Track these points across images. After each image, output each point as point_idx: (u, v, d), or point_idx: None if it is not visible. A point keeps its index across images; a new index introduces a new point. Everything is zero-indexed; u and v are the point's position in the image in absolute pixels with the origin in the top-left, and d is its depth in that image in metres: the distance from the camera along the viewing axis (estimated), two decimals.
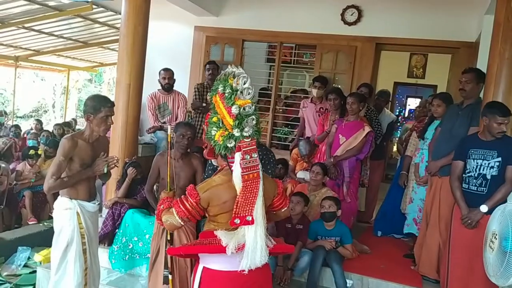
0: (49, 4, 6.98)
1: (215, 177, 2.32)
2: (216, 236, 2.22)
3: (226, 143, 2.19)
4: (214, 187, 2.25)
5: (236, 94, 2.16)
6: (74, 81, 16.49)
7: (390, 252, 4.62)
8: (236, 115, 2.15)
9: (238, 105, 2.14)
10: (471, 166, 3.37)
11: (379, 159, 5.58)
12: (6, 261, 4.77)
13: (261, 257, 2.20)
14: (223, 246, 2.18)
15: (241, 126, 2.15)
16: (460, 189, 3.42)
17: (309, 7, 6.14)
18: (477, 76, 3.78)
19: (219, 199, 2.23)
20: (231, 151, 2.21)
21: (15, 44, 9.43)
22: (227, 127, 2.19)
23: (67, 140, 3.04)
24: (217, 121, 2.24)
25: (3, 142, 7.12)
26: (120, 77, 4.69)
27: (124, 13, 4.64)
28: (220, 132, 2.21)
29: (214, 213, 2.27)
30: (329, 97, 5.11)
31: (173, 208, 2.28)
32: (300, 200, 4.14)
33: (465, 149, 3.43)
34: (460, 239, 3.41)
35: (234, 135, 2.17)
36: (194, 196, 2.23)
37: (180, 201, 2.27)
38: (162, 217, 2.33)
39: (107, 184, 4.64)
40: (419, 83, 9.99)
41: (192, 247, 2.36)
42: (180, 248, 2.58)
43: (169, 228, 2.37)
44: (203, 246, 2.26)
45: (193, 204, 2.23)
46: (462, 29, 5.58)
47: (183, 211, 2.24)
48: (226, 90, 2.19)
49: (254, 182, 2.20)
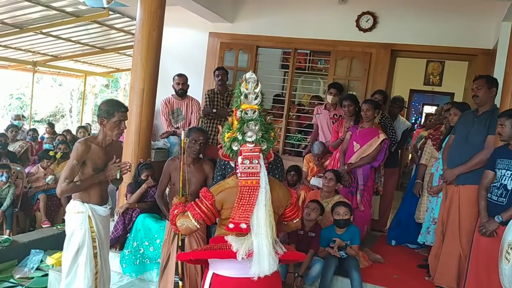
0: (66, 10, 7.08)
1: (228, 180, 2.33)
2: (226, 241, 2.21)
3: (232, 145, 2.24)
4: (228, 189, 2.26)
5: (245, 97, 2.21)
6: (91, 87, 16.71)
7: (404, 262, 4.54)
8: (239, 119, 2.20)
9: (242, 108, 2.20)
10: (497, 176, 3.33)
11: (394, 167, 5.51)
12: (19, 264, 4.81)
13: (269, 265, 2.18)
14: (233, 252, 2.17)
15: (242, 130, 2.19)
16: (485, 198, 3.38)
17: (324, 13, 6.11)
18: (488, 82, 3.73)
19: (232, 201, 2.23)
20: (236, 154, 2.25)
21: (33, 50, 9.58)
22: (234, 129, 2.25)
23: (80, 144, 3.06)
24: (231, 123, 2.29)
25: (20, 145, 7.21)
26: (134, 82, 4.72)
27: (139, 19, 4.67)
28: (229, 134, 2.26)
29: (226, 216, 2.25)
30: (344, 103, 5.07)
31: (188, 212, 2.28)
32: (317, 207, 4.11)
33: (494, 158, 3.39)
34: (479, 249, 3.36)
35: (237, 138, 2.22)
36: (208, 197, 2.24)
37: (195, 204, 2.27)
38: (177, 222, 2.32)
39: (120, 188, 4.66)
40: (436, 90, 9.87)
41: (202, 252, 2.34)
42: (190, 253, 2.56)
43: (185, 232, 2.36)
44: (213, 251, 2.24)
45: (208, 206, 2.24)
46: (479, 36, 5.50)
47: (199, 214, 2.25)
48: (241, 94, 2.24)
49: (252, 189, 2.19)
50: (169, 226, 3.68)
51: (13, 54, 9.71)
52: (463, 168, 3.69)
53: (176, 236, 3.53)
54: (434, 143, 4.69)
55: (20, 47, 9.29)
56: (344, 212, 3.97)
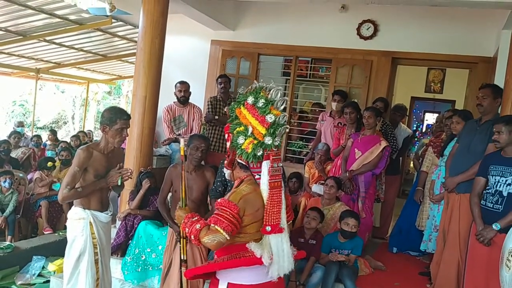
0: (70, 18, 7.13)
1: (241, 187, 2.31)
2: (247, 248, 2.24)
3: (256, 151, 2.25)
4: (246, 196, 2.26)
5: (272, 104, 2.27)
6: (93, 93, 16.77)
7: (405, 269, 4.53)
8: (270, 124, 2.24)
9: (273, 114, 2.24)
10: (490, 183, 3.32)
11: (395, 174, 5.51)
12: (21, 270, 4.81)
13: (288, 263, 2.26)
14: (258, 258, 2.21)
15: (274, 135, 2.24)
16: (479, 205, 3.37)
17: (325, 21, 6.15)
18: (494, 91, 3.72)
19: (253, 207, 2.25)
20: (258, 160, 2.27)
21: (36, 57, 9.63)
22: (256, 136, 2.26)
23: (82, 151, 3.07)
24: (244, 130, 2.30)
25: (22, 151, 7.25)
26: (137, 89, 4.75)
27: (141, 27, 4.72)
28: (249, 141, 2.27)
29: (246, 223, 2.25)
30: (345, 110, 5.09)
31: (216, 226, 2.16)
32: (317, 216, 4.11)
33: (486, 165, 3.38)
34: (476, 256, 3.34)
35: (265, 143, 2.24)
36: (232, 207, 2.20)
37: (220, 216, 2.18)
38: (204, 238, 2.17)
39: (122, 195, 4.67)
40: (437, 98, 9.88)
41: (226, 262, 2.27)
42: (209, 266, 2.41)
43: (216, 247, 2.20)
44: (239, 260, 2.24)
45: (234, 215, 2.19)
46: (480, 44, 5.53)
47: (229, 225, 2.16)
48: (258, 101, 2.28)
49: (278, 190, 2.27)
50: (171, 232, 3.69)
51: (16, 61, 9.76)
52: (463, 176, 3.69)
53: (178, 247, 3.53)
54: (435, 150, 4.69)
55: (24, 55, 9.34)
56: (354, 225, 3.96)
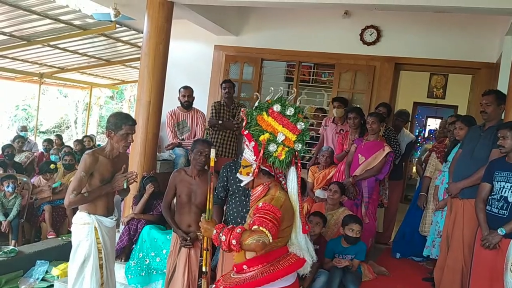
0: (74, 23, 7.18)
1: (276, 194, 2.29)
2: (283, 253, 2.32)
3: (288, 158, 2.33)
4: (284, 203, 2.29)
5: (300, 112, 2.40)
6: (96, 98, 16.81)
7: (408, 275, 4.52)
8: (301, 131, 2.35)
9: (303, 122, 2.37)
10: (495, 189, 3.33)
11: (398, 179, 5.51)
12: (25, 274, 4.82)
13: (314, 255, 2.39)
14: (301, 259, 2.30)
15: (302, 141, 2.36)
16: (484, 211, 3.38)
17: (328, 27, 6.18)
18: (498, 98, 3.73)
19: (288, 213, 2.31)
20: (288, 166, 2.36)
21: (40, 62, 9.67)
22: (287, 143, 2.33)
23: (88, 156, 3.09)
24: (272, 138, 2.33)
25: (26, 156, 7.27)
26: (141, 94, 4.77)
27: (146, 32, 4.74)
28: (281, 148, 2.32)
29: (283, 227, 2.28)
30: (349, 116, 5.10)
31: (261, 227, 2.14)
32: (319, 221, 4.10)
33: (491, 171, 3.39)
34: (481, 262, 3.35)
35: (296, 149, 2.34)
36: (276, 211, 2.21)
37: (264, 219, 2.17)
38: (247, 240, 2.12)
39: (125, 200, 4.68)
40: (439, 103, 9.89)
41: (275, 273, 2.25)
42: (262, 279, 2.28)
43: (260, 248, 2.15)
44: (286, 268, 2.27)
45: (278, 219, 2.20)
46: (483, 50, 5.54)
47: (273, 227, 2.16)
48: (286, 109, 2.38)
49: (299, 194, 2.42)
50: (175, 237, 3.69)
51: (20, 66, 9.80)
52: (467, 182, 3.70)
53: (182, 251, 3.54)
54: (438, 156, 4.70)
55: (28, 59, 9.38)
56: (358, 230, 3.96)
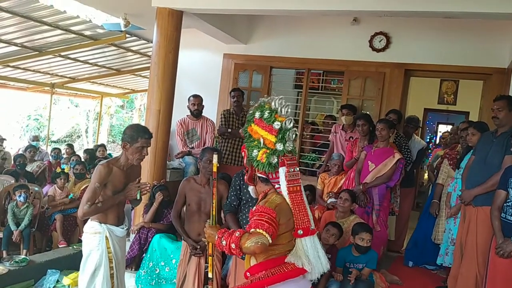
0: (84, 33, 7.27)
1: (271, 198, 2.30)
2: (283, 261, 2.26)
3: (270, 159, 2.28)
4: (278, 205, 2.26)
5: (276, 112, 2.30)
6: (107, 107, 16.94)
7: (422, 284, 4.47)
8: (278, 130, 2.28)
9: (279, 121, 2.28)
10: (510, 196, 3.28)
11: (409, 186, 5.45)
12: (36, 284, 4.82)
13: (325, 262, 2.30)
14: (299, 268, 2.23)
15: (283, 140, 2.27)
16: (499, 218, 3.33)
17: (337, 34, 6.17)
18: (509, 103, 3.68)
19: (285, 216, 2.27)
20: (275, 168, 2.30)
21: (51, 72, 9.79)
22: (268, 145, 2.30)
23: (103, 167, 3.09)
24: (257, 144, 2.33)
25: (37, 165, 7.32)
26: (151, 103, 4.79)
27: (155, 42, 4.78)
28: (262, 151, 2.31)
29: (280, 232, 2.25)
30: (358, 122, 5.07)
31: (258, 229, 2.15)
32: (336, 234, 4.03)
33: (507, 178, 3.33)
34: (497, 270, 3.29)
35: (277, 150, 2.28)
36: (270, 211, 2.20)
37: (260, 220, 2.17)
38: (246, 243, 2.14)
39: (135, 209, 4.69)
40: (450, 109, 9.81)
41: (273, 277, 2.24)
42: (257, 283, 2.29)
43: (260, 249, 2.15)
44: (287, 273, 2.24)
45: (273, 219, 2.18)
46: (494, 55, 5.49)
47: (270, 227, 2.15)
48: (264, 113, 2.32)
49: (299, 194, 2.31)
50: (185, 246, 3.68)
51: (32, 76, 9.93)
52: (480, 189, 3.65)
53: (192, 260, 3.53)
54: (450, 163, 4.65)
55: (39, 70, 9.50)
56: (368, 239, 3.92)
